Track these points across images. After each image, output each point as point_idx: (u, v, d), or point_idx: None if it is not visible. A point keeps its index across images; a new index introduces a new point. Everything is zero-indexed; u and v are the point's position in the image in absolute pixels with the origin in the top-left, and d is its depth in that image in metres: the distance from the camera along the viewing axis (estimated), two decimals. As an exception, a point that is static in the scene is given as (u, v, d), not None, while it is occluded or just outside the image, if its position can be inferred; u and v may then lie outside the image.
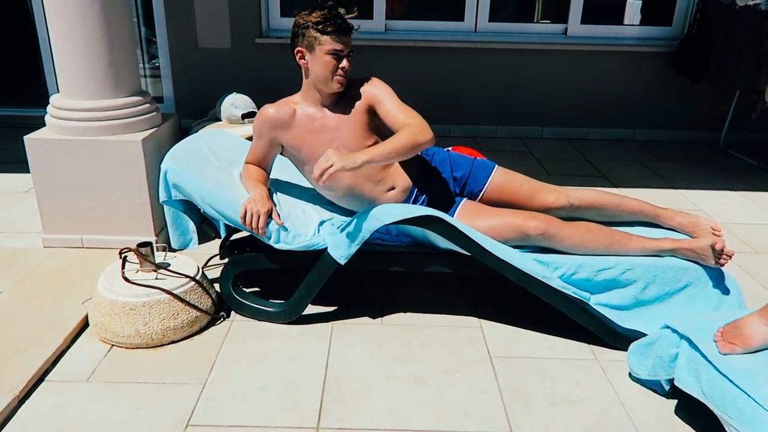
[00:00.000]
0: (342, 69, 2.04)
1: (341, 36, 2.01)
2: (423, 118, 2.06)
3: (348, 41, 2.04)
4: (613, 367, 2.01)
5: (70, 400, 1.79)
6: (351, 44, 2.05)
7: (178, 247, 2.31)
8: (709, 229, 2.15)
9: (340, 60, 2.03)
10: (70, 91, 2.54)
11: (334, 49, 2.01)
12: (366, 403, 1.82)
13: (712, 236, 2.10)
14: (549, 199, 2.21)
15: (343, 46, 2.01)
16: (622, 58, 4.55)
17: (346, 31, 2.02)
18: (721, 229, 2.16)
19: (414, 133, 1.98)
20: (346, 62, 2.04)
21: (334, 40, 2.00)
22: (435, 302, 2.37)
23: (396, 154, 1.97)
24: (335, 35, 2.00)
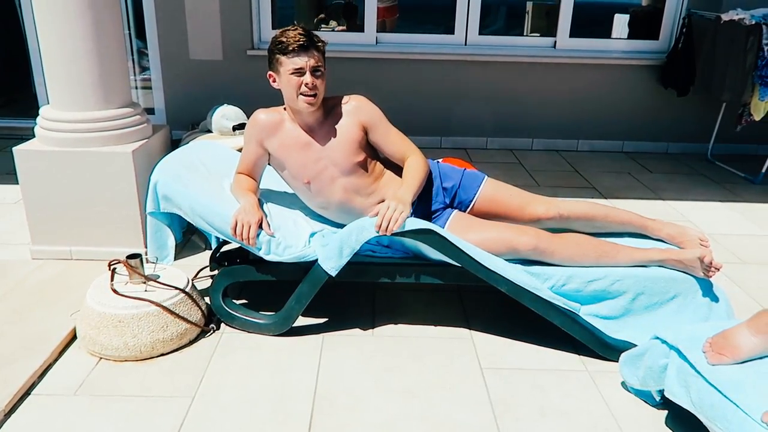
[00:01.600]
0: (306, 86, 1.99)
1: (302, 54, 1.98)
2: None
3: (313, 57, 1.99)
4: (604, 377, 2.02)
5: (57, 414, 1.77)
6: (320, 60, 2.02)
7: (152, 260, 2.29)
8: (697, 240, 2.17)
9: (303, 76, 1.99)
10: (60, 103, 2.53)
11: (295, 68, 1.98)
12: (357, 415, 1.81)
13: (699, 248, 2.12)
14: (539, 210, 2.23)
15: (303, 63, 1.98)
16: (610, 71, 4.60)
17: (307, 48, 1.98)
18: (708, 240, 2.18)
19: (423, 166, 2.15)
20: (310, 78, 1.99)
21: (293, 58, 1.98)
22: (426, 313, 2.37)
23: (420, 187, 2.13)
24: (295, 54, 1.98)
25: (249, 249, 2.08)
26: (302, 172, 2.16)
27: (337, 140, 2.11)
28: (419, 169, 2.13)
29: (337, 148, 2.11)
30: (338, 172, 2.13)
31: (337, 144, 2.11)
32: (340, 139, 2.11)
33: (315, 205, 2.24)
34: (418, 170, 2.13)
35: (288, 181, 2.25)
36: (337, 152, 2.11)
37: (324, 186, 2.16)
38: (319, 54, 2.02)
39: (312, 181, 2.16)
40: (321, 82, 2.04)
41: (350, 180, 2.14)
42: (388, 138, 2.16)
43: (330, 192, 2.17)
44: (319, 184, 2.16)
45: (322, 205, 2.22)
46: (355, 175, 2.14)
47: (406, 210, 1.97)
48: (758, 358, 1.61)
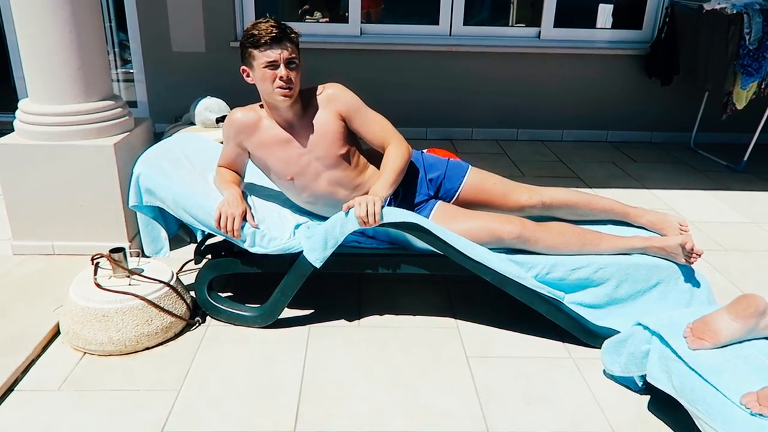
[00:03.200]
0: (281, 79, 1.96)
1: (275, 46, 1.93)
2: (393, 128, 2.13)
3: (287, 49, 1.95)
4: (588, 364, 2.04)
5: (41, 409, 1.75)
6: (294, 52, 1.98)
7: (149, 254, 2.28)
8: (677, 226, 2.19)
9: (277, 69, 1.96)
10: (39, 96, 2.49)
11: (268, 61, 1.95)
12: (343, 405, 1.81)
13: (680, 235, 2.15)
14: (522, 197, 2.24)
15: (277, 56, 1.94)
16: (594, 62, 4.62)
17: (279, 40, 1.94)
18: (688, 225, 2.21)
19: (403, 155, 2.10)
20: (284, 71, 1.95)
21: (266, 51, 1.94)
22: (412, 304, 2.37)
23: (399, 178, 2.09)
24: (267, 47, 1.94)
25: (234, 242, 2.07)
26: (285, 169, 2.15)
27: (317, 134, 2.09)
28: (397, 158, 2.09)
29: (318, 142, 2.09)
30: (322, 167, 2.12)
31: (318, 138, 2.09)
32: (321, 133, 2.09)
33: (302, 200, 2.24)
34: (396, 160, 2.08)
35: (272, 179, 2.23)
36: (319, 146, 2.10)
37: (309, 182, 2.15)
38: (293, 45, 1.98)
39: (296, 178, 2.15)
40: (296, 75, 2.00)
41: (334, 173, 2.13)
42: (367, 126, 2.12)
43: (315, 187, 2.16)
44: (303, 180, 2.15)
45: (308, 200, 2.22)
46: (339, 168, 2.13)
47: (379, 203, 1.95)
48: (738, 342, 1.64)
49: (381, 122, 2.15)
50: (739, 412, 1.42)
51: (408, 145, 2.15)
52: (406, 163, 2.11)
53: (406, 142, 2.15)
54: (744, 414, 1.41)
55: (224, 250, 2.30)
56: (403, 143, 2.14)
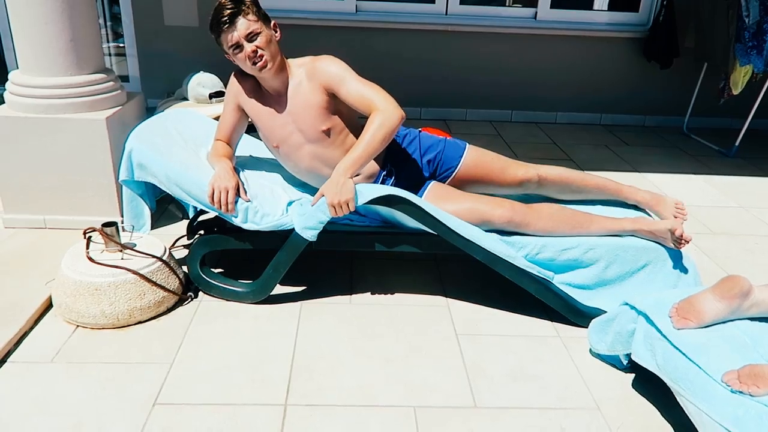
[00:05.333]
0: (250, 56, 1.96)
1: (230, 28, 1.94)
2: (388, 94, 2.02)
3: (242, 26, 1.94)
4: (575, 343, 2.07)
5: (34, 381, 1.77)
6: (252, 24, 1.95)
7: (128, 229, 2.27)
8: (672, 206, 2.23)
9: (243, 49, 1.97)
10: (30, 68, 2.47)
11: (230, 45, 1.97)
12: (334, 380, 1.84)
13: (673, 220, 2.17)
14: (519, 171, 2.26)
15: (237, 38, 1.95)
16: (591, 44, 4.61)
17: (232, 21, 1.93)
18: (683, 205, 2.25)
19: (383, 123, 1.97)
20: (250, 47, 1.95)
21: (226, 36, 1.96)
22: (403, 282, 2.39)
23: (374, 150, 1.99)
24: (225, 32, 1.95)
25: (226, 218, 2.07)
26: (271, 136, 2.18)
27: (301, 107, 2.08)
28: (376, 129, 1.97)
29: (301, 114, 2.09)
30: (303, 139, 2.13)
31: (302, 110, 2.08)
32: (305, 105, 2.08)
33: (290, 168, 2.25)
34: (374, 131, 1.97)
35: (263, 141, 2.25)
36: (302, 118, 2.09)
37: (292, 151, 2.17)
38: (248, 17, 1.95)
39: (280, 146, 2.18)
40: (264, 42, 1.97)
41: (316, 149, 2.13)
42: (350, 96, 2.03)
43: (298, 158, 2.18)
44: (287, 148, 2.17)
45: (293, 169, 2.24)
46: (320, 144, 2.12)
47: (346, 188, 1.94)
48: (722, 323, 1.67)
49: (365, 89, 2.02)
50: (720, 389, 1.45)
51: (396, 111, 1.99)
52: (387, 132, 1.98)
53: (395, 106, 2.00)
54: (725, 391, 1.44)
55: (216, 227, 2.30)
56: (388, 109, 1.99)
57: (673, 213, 2.23)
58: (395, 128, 2.00)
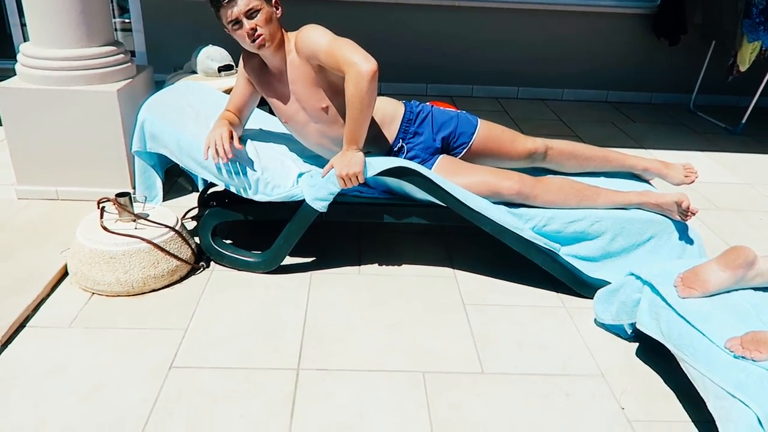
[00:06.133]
0: (249, 33, 1.93)
1: (230, 4, 1.90)
2: (357, 48, 1.90)
3: (243, 3, 1.90)
4: (580, 313, 2.11)
5: (53, 345, 1.82)
6: (250, 3, 1.90)
7: (140, 200, 2.31)
8: (681, 169, 2.28)
9: (242, 26, 1.93)
10: (41, 40, 2.48)
11: (229, 20, 1.93)
12: (344, 346, 1.88)
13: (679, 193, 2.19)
14: (527, 144, 2.29)
15: (236, 14, 1.91)
16: (598, 20, 4.58)
17: None
18: (693, 167, 2.29)
19: (356, 89, 1.88)
20: (249, 24, 1.92)
21: (225, 11, 1.92)
22: (412, 253, 2.43)
23: (362, 118, 1.93)
24: (225, 7, 1.91)
25: (237, 191, 2.10)
26: (279, 113, 2.20)
27: (298, 83, 2.07)
28: (351, 97, 1.90)
29: (300, 91, 2.08)
30: (307, 117, 2.14)
31: (300, 87, 2.07)
32: (300, 82, 2.06)
33: (300, 141, 2.27)
34: (351, 102, 1.91)
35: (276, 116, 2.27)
36: (301, 96, 2.09)
37: (299, 128, 2.19)
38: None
39: (288, 122, 2.20)
40: (263, 20, 1.93)
41: (320, 127, 2.14)
42: (329, 63, 1.94)
43: (305, 135, 2.20)
44: (294, 125, 2.19)
45: (303, 143, 2.26)
46: (324, 122, 2.12)
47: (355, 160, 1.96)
48: (726, 292, 1.71)
49: (335, 51, 1.91)
50: (723, 355, 1.49)
51: (365, 66, 1.86)
52: (364, 95, 1.88)
53: (363, 62, 1.86)
54: (727, 357, 1.48)
55: (228, 198, 2.33)
56: (354, 69, 1.87)
57: (683, 175, 2.28)
58: (369, 86, 1.88)
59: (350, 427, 1.58)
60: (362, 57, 1.89)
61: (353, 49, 1.91)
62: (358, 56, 1.88)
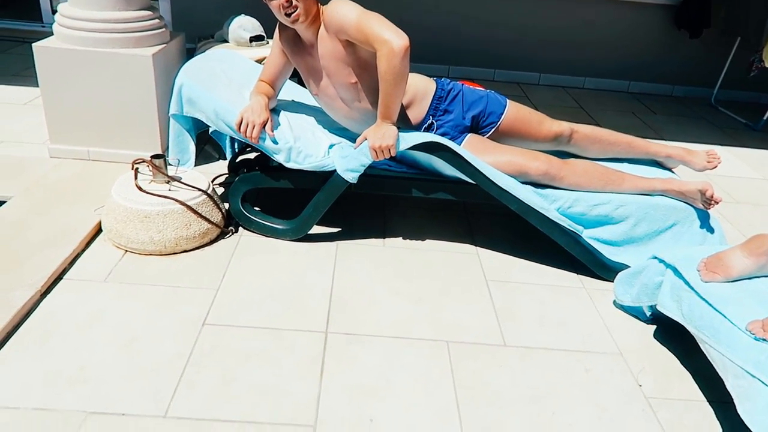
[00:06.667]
0: (284, 5, 1.92)
1: None
2: (387, 23, 1.91)
3: None
4: (600, 295, 2.16)
5: (89, 297, 1.88)
6: None
7: (173, 163, 2.35)
8: (704, 155, 2.31)
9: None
10: (80, 1, 2.51)
11: None
12: (370, 314, 1.94)
13: (703, 181, 2.22)
14: (553, 126, 2.33)
15: None
16: (623, 8, 4.56)
17: None
18: (716, 153, 2.33)
19: (389, 66, 1.89)
20: None
21: None
22: (435, 230, 2.47)
23: (396, 93, 1.96)
24: None
25: (270, 155, 2.14)
26: (310, 86, 2.23)
27: (328, 58, 2.07)
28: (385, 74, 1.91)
29: (330, 67, 2.09)
30: (336, 91, 2.16)
31: (330, 63, 2.08)
32: (330, 57, 2.07)
33: (329, 114, 2.30)
34: (385, 79, 1.92)
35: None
36: (332, 71, 2.10)
37: (329, 101, 2.22)
38: None
39: (319, 95, 2.22)
40: None
41: (350, 101, 2.16)
42: (358, 39, 1.94)
43: (335, 108, 2.23)
44: (324, 98, 2.22)
45: (333, 116, 2.29)
46: (353, 97, 2.14)
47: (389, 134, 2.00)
48: (748, 278, 1.75)
49: (365, 27, 1.90)
50: (744, 336, 1.53)
51: (396, 41, 1.87)
52: (396, 71, 1.90)
53: (395, 39, 1.87)
54: (748, 338, 1.52)
55: (258, 165, 2.37)
56: (387, 46, 1.87)
57: (706, 161, 2.32)
58: (402, 62, 1.90)
59: (378, 389, 1.64)
60: (394, 33, 1.89)
61: (384, 25, 1.91)
62: (390, 32, 1.89)
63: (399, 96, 1.99)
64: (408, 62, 1.93)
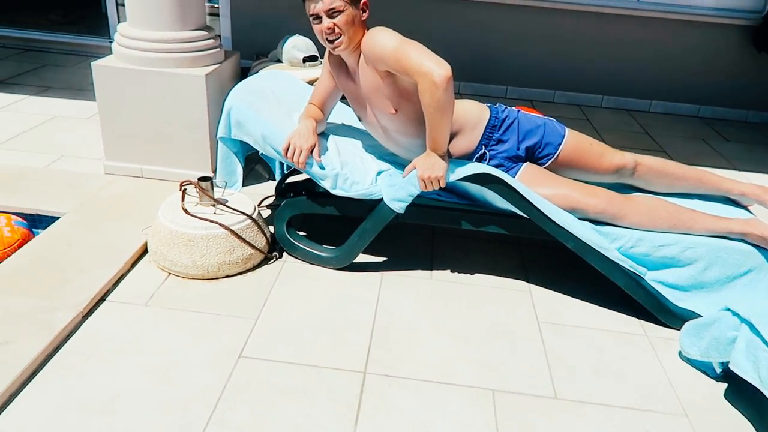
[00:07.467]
0: (326, 31, 1.90)
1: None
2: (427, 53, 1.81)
3: (325, 1, 1.85)
4: (663, 344, 1.99)
5: (130, 321, 1.86)
6: (334, 2, 1.86)
7: (221, 185, 2.33)
8: None
9: (321, 21, 1.90)
10: (138, 21, 2.55)
11: (310, 14, 1.91)
12: (412, 353, 1.84)
13: None
14: (615, 158, 2.18)
15: (318, 9, 1.87)
16: (695, 29, 4.32)
17: None
18: None
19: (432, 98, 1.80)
20: (327, 23, 1.88)
21: (308, 5, 1.90)
22: (484, 263, 2.36)
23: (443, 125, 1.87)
24: (307, 1, 1.90)
25: (317, 180, 2.09)
26: (354, 110, 2.19)
27: (369, 87, 2.01)
28: (428, 105, 1.83)
29: (371, 95, 2.03)
30: (378, 119, 2.10)
31: (370, 92, 2.02)
32: (370, 87, 2.00)
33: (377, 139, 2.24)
34: (428, 111, 1.84)
35: None
36: (372, 99, 2.04)
37: (372, 128, 2.18)
38: None
39: (362, 120, 2.18)
40: (344, 22, 1.88)
41: (392, 130, 2.10)
42: (397, 70, 1.86)
43: (378, 135, 2.18)
44: (367, 124, 2.18)
45: (380, 142, 2.23)
46: (394, 126, 2.06)
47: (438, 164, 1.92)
48: (838, 341, 1.56)
49: (404, 58, 1.82)
50: (833, 412, 1.35)
51: (438, 71, 1.77)
52: (440, 103, 1.80)
53: (435, 70, 1.77)
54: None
55: (305, 190, 2.33)
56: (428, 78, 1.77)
57: None
58: (445, 94, 1.79)
59: (416, 439, 1.54)
60: (434, 63, 1.79)
61: (424, 54, 1.81)
62: (430, 62, 1.79)
63: (446, 127, 1.90)
64: (452, 92, 1.84)
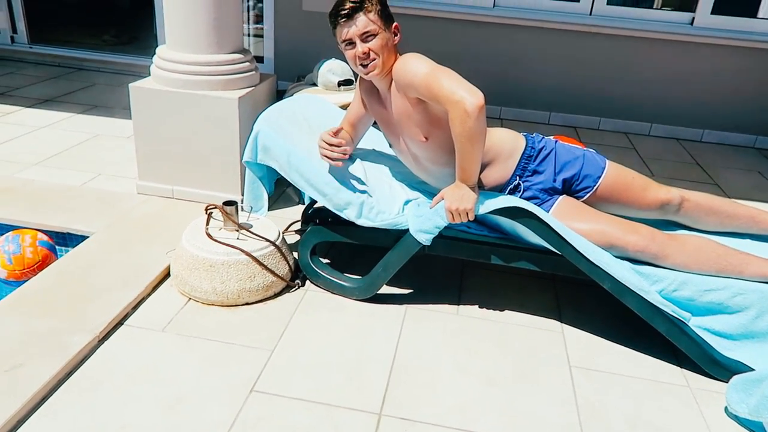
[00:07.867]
0: (360, 57, 1.87)
1: (348, 23, 1.85)
2: (458, 81, 1.75)
3: (360, 23, 1.83)
4: (707, 397, 1.82)
5: (145, 347, 1.83)
6: (370, 23, 1.84)
7: (247, 209, 2.31)
8: None
9: (355, 47, 1.87)
10: (175, 43, 2.57)
11: (342, 40, 1.89)
12: (433, 394, 1.74)
13: None
14: (660, 193, 2.05)
15: (352, 35, 1.85)
16: (752, 56, 4.11)
17: (350, 17, 1.84)
18: None
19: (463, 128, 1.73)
20: (361, 48, 1.86)
21: (341, 29, 1.88)
22: (516, 299, 2.24)
23: (473, 155, 1.79)
24: (341, 25, 1.87)
25: (340, 213, 2.03)
26: (385, 136, 2.16)
27: (399, 114, 1.96)
28: (459, 136, 1.76)
29: (401, 122, 1.97)
30: (408, 146, 2.04)
31: (400, 118, 1.96)
32: (399, 112, 1.95)
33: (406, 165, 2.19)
34: (459, 141, 1.77)
35: None
36: (402, 126, 1.98)
37: (402, 155, 2.13)
38: (369, 16, 1.84)
39: (393, 146, 2.14)
40: (378, 46, 1.86)
41: (422, 158, 2.03)
42: (428, 97, 1.82)
43: (408, 162, 2.13)
44: (397, 151, 2.14)
45: (411, 170, 2.17)
46: (425, 153, 2.00)
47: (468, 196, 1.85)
48: None
49: (434, 87, 1.77)
50: None
51: (470, 100, 1.70)
52: (471, 133, 1.73)
53: (467, 98, 1.70)
54: None
55: (331, 217, 2.27)
56: (460, 107, 1.71)
57: None
58: (477, 123, 1.72)
59: (429, 492, 1.44)
60: (466, 91, 1.72)
61: (455, 82, 1.75)
62: (462, 90, 1.72)
63: (477, 157, 1.81)
64: (484, 122, 1.76)
